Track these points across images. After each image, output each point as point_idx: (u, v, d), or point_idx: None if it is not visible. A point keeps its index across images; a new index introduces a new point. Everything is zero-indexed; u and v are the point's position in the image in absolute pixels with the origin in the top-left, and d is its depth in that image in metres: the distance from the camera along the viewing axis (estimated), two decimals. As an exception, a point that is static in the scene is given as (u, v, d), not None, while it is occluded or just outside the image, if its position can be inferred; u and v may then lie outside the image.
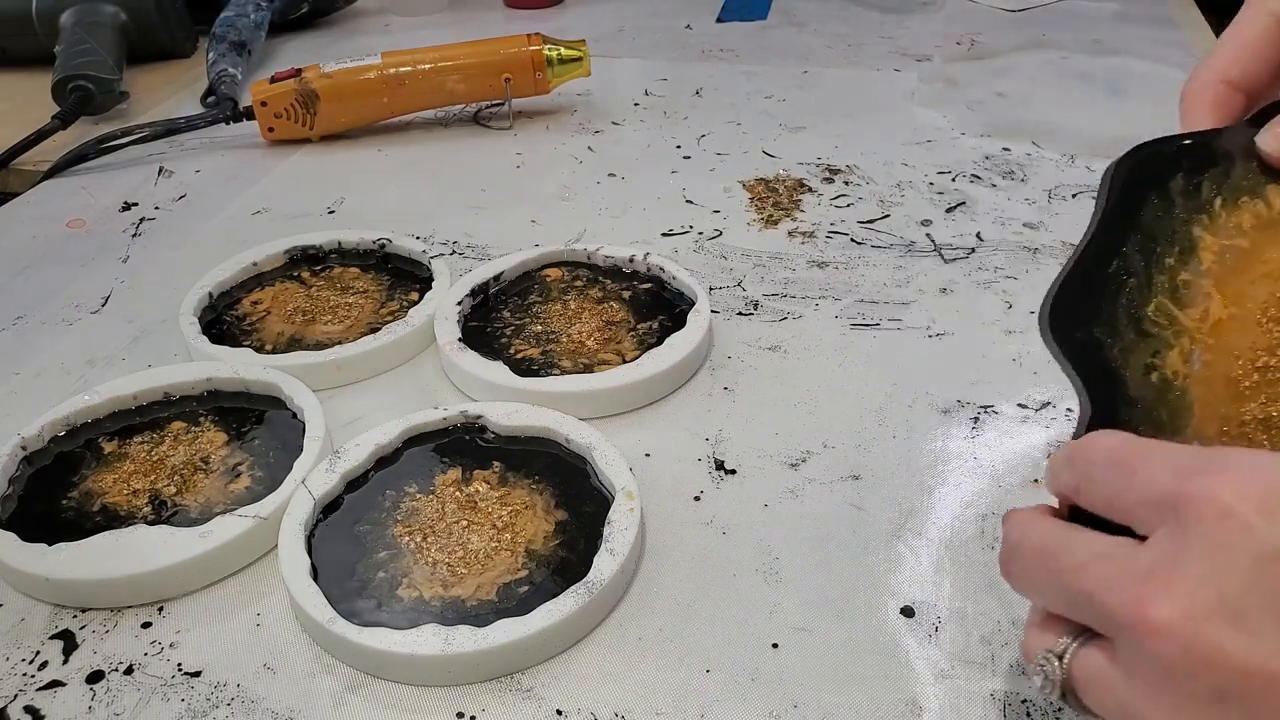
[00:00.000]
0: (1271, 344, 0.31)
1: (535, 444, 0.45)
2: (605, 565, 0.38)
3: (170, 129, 0.77)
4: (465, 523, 0.41)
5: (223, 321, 0.55)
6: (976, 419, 0.47)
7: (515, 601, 0.37)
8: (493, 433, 0.45)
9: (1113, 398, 0.30)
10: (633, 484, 0.41)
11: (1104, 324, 0.31)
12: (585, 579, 0.37)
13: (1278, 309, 0.32)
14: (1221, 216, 0.33)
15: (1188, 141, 0.34)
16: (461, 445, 0.45)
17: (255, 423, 0.47)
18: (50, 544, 0.39)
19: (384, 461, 0.44)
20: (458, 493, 0.42)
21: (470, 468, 0.43)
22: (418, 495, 0.42)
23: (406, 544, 0.40)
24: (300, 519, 0.40)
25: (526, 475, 0.43)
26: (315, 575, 0.38)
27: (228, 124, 0.78)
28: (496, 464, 0.44)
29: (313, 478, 0.42)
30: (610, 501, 0.41)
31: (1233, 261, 0.32)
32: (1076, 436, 0.29)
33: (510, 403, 0.46)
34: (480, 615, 0.37)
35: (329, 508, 0.42)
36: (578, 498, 0.42)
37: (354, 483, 0.43)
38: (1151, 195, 0.33)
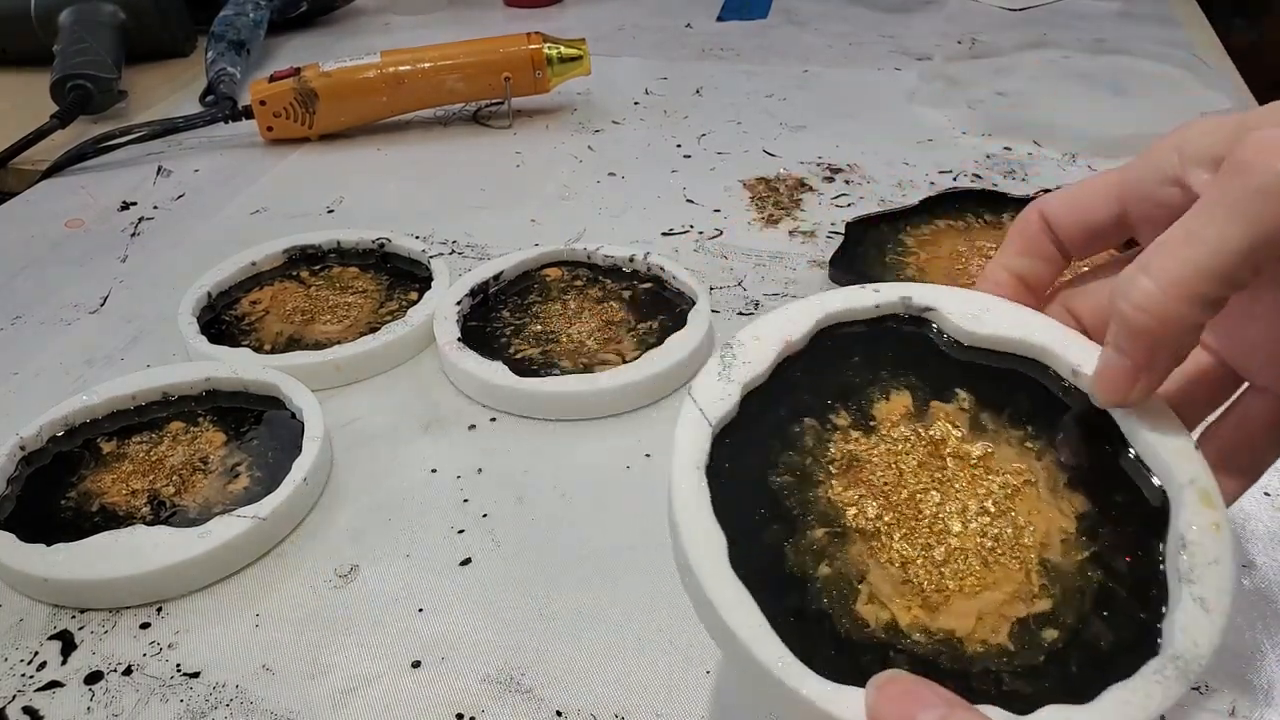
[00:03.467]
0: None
1: (1015, 369, 0.28)
2: (1197, 630, 0.22)
3: (169, 128, 0.77)
4: (936, 493, 0.26)
5: (221, 321, 0.54)
6: (977, 419, 0.47)
7: (1043, 657, 0.23)
8: (951, 338, 0.29)
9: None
10: (1205, 476, 0.25)
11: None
12: (1172, 650, 0.22)
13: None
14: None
15: None
16: (903, 352, 0.29)
17: (254, 423, 0.47)
18: (49, 544, 0.39)
19: (790, 363, 0.28)
20: (912, 434, 0.27)
21: (924, 393, 0.28)
22: (852, 431, 0.27)
23: (855, 519, 0.25)
24: (696, 457, 0.25)
25: (1011, 421, 0.27)
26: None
27: (226, 123, 0.78)
28: (962, 393, 0.28)
29: (702, 384, 0.27)
30: (1164, 499, 0.25)
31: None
32: None
33: (973, 292, 0.30)
34: (1003, 684, 0.22)
35: (718, 438, 0.27)
36: (1099, 475, 0.26)
37: (750, 398, 0.27)
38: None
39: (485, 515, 0.43)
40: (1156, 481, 0.25)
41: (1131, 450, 0.26)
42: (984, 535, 0.25)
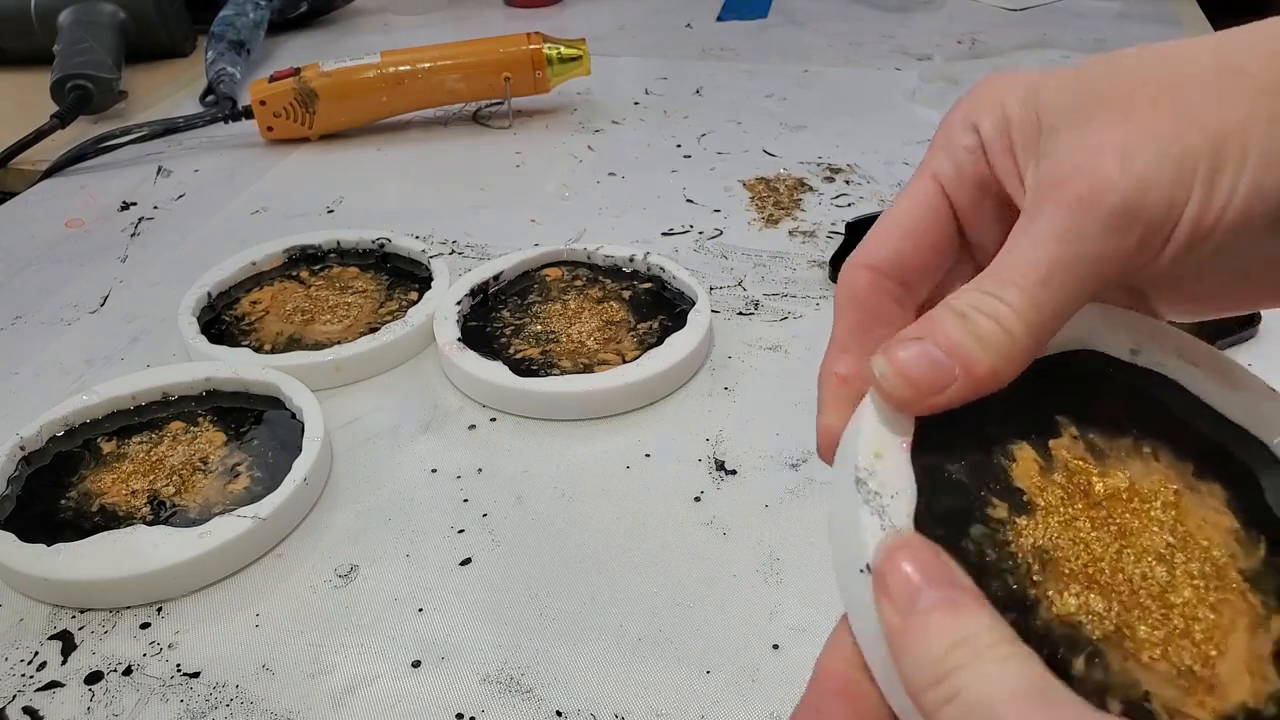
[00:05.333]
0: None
1: (1074, 366, 0.24)
2: None
3: (169, 128, 0.77)
4: (1128, 552, 0.21)
5: (221, 321, 0.54)
6: (977, 419, 0.47)
7: None
8: None
9: None
10: None
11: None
12: None
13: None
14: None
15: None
16: None
17: (254, 423, 0.47)
18: (49, 544, 0.39)
19: None
20: (1063, 493, 0.23)
21: (1033, 433, 0.23)
22: (1016, 519, 0.22)
23: (1095, 628, 0.20)
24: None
25: (1115, 428, 0.23)
26: None
27: (226, 123, 0.78)
28: (1062, 419, 0.24)
29: (869, 542, 0.20)
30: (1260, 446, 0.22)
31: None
32: None
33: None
34: None
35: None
36: (1200, 449, 0.23)
37: None
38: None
39: (485, 515, 0.43)
40: (1254, 433, 0.23)
41: (1213, 408, 0.23)
42: (1191, 575, 0.21)
